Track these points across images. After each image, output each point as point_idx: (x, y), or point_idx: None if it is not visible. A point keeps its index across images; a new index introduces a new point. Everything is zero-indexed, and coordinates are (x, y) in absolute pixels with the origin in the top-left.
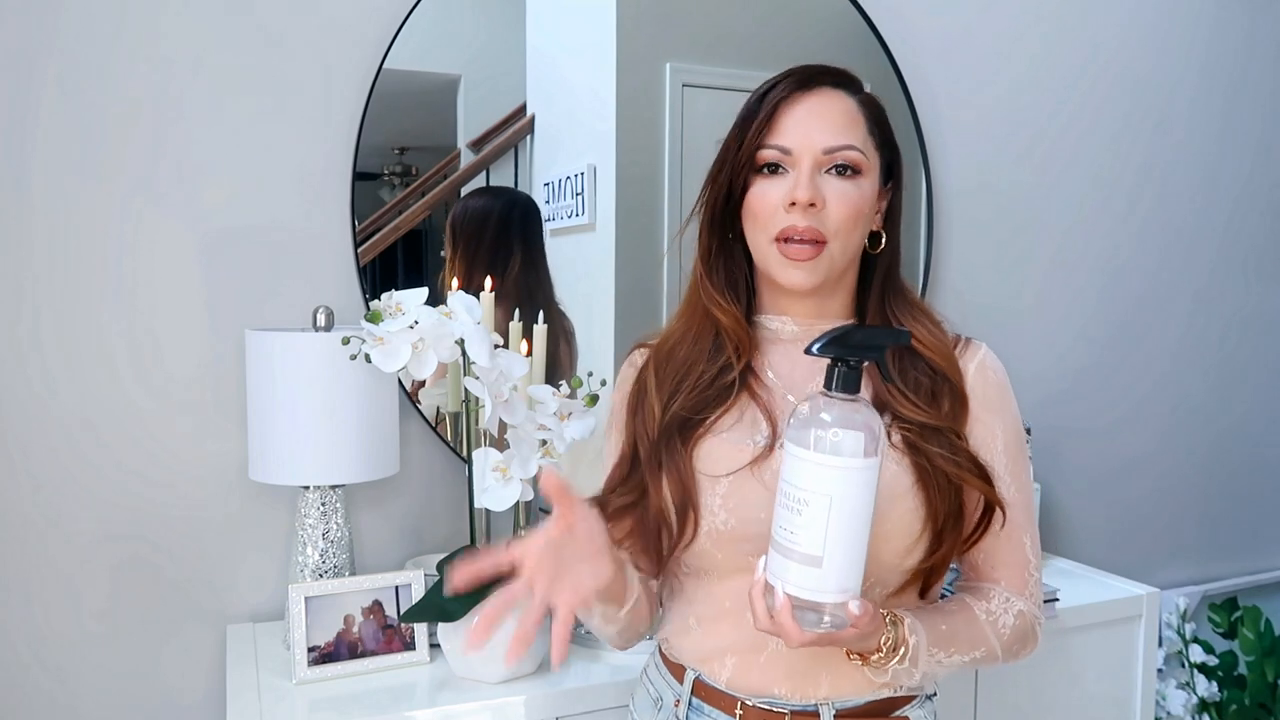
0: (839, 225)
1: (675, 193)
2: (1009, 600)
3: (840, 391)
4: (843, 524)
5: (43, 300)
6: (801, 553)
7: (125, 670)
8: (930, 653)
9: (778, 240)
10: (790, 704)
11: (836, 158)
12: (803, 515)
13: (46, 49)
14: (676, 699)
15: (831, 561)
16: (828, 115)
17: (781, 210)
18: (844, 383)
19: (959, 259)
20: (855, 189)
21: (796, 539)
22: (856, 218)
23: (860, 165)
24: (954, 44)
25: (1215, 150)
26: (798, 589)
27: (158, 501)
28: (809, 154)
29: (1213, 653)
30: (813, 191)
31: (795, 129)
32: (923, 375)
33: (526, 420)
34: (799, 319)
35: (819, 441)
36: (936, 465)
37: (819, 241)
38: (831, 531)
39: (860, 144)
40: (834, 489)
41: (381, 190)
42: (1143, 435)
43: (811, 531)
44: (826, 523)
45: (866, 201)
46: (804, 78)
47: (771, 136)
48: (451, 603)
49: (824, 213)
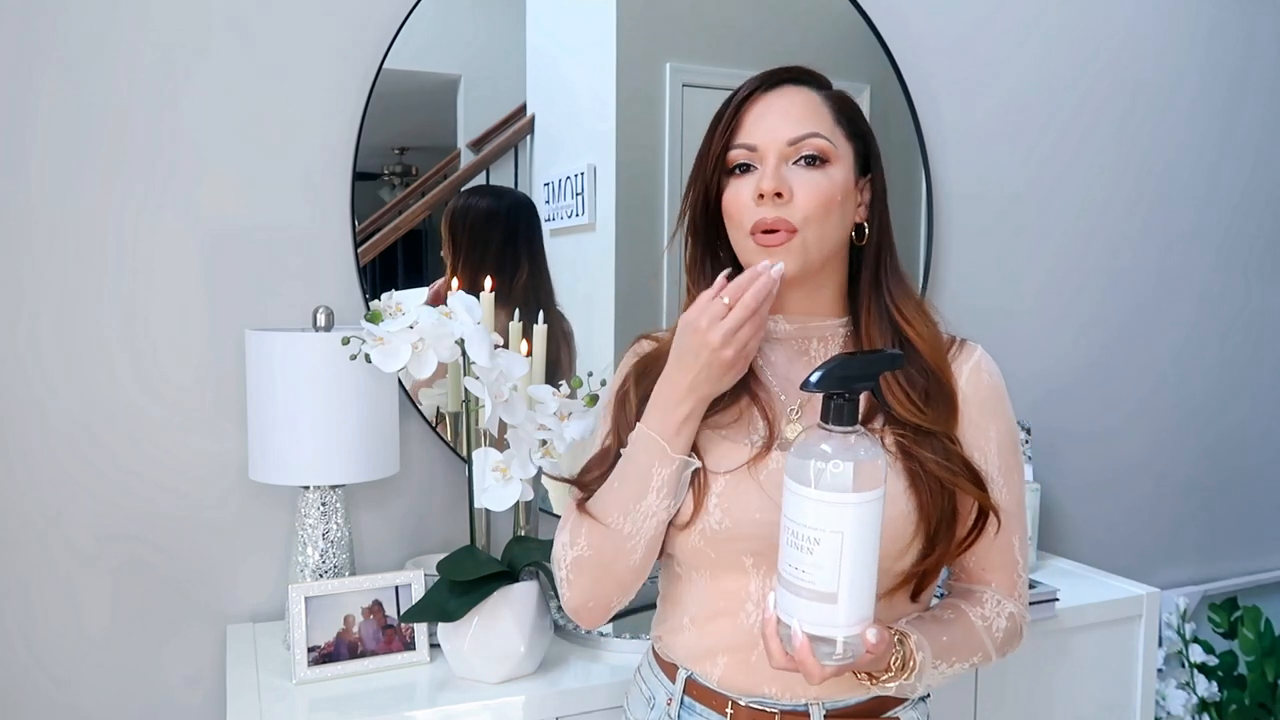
0: (809, 213)
1: (675, 193)
2: (1000, 603)
3: (838, 424)
4: (855, 558)
5: (42, 301)
6: (816, 591)
7: (125, 670)
8: (935, 665)
9: (752, 234)
10: (781, 704)
11: (802, 147)
12: (814, 554)
13: (46, 49)
14: (669, 698)
15: (846, 596)
16: (789, 109)
17: (752, 205)
18: (842, 415)
19: (959, 260)
20: (824, 177)
21: (809, 577)
22: (828, 205)
23: (826, 152)
24: (955, 45)
25: (1215, 152)
26: (814, 626)
27: (158, 502)
28: (774, 148)
29: (1213, 653)
30: (777, 181)
31: (759, 125)
32: (918, 374)
33: (526, 420)
34: (791, 316)
35: (820, 477)
36: (929, 470)
37: (790, 230)
38: (845, 568)
39: (826, 132)
40: (845, 525)
41: (381, 190)
42: (1143, 435)
43: (825, 570)
44: (839, 560)
45: (838, 189)
46: (767, 78)
47: (737, 136)
48: (452, 602)
49: (792, 203)
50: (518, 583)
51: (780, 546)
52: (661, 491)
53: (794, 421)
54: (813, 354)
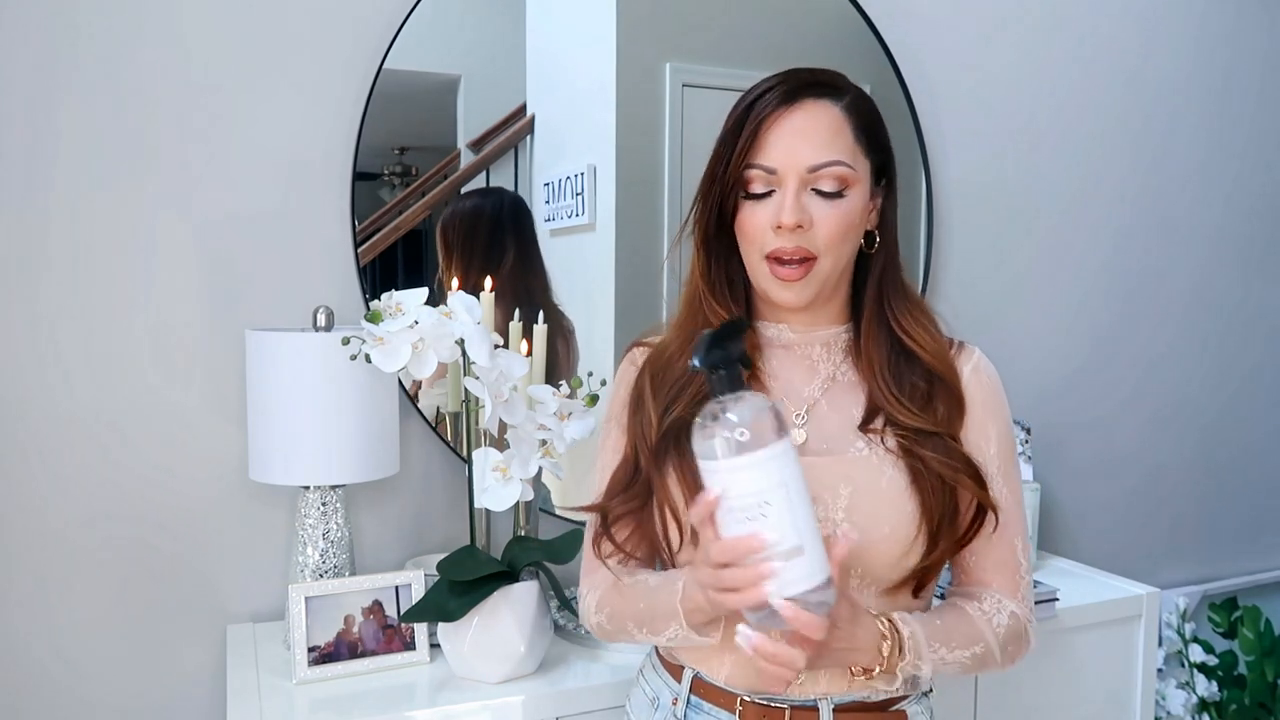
0: (828, 242)
1: (675, 193)
2: (1000, 601)
3: (730, 391)
4: (802, 503)
5: (43, 302)
6: (783, 550)
7: (125, 670)
8: (931, 647)
9: (768, 259)
10: (790, 700)
11: (822, 175)
12: (769, 517)
13: (58, 58)
14: (674, 698)
15: (811, 541)
16: (812, 132)
17: (770, 231)
18: (727, 384)
19: (959, 257)
20: (844, 204)
21: (773, 541)
22: (846, 232)
23: (847, 179)
24: (954, 43)
25: (1208, 145)
26: (795, 587)
27: (158, 502)
28: (794, 173)
29: (1213, 652)
30: (798, 214)
31: (779, 148)
32: (919, 380)
33: (526, 420)
34: (796, 326)
35: (742, 445)
36: (931, 468)
37: (808, 259)
38: (799, 514)
39: (847, 157)
40: (783, 475)
41: (381, 190)
42: (1143, 435)
43: (784, 526)
44: (792, 510)
45: (856, 213)
46: (787, 91)
47: (756, 156)
48: (452, 602)
49: (812, 232)
50: (518, 583)
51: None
52: (675, 639)
53: (798, 427)
54: (815, 359)
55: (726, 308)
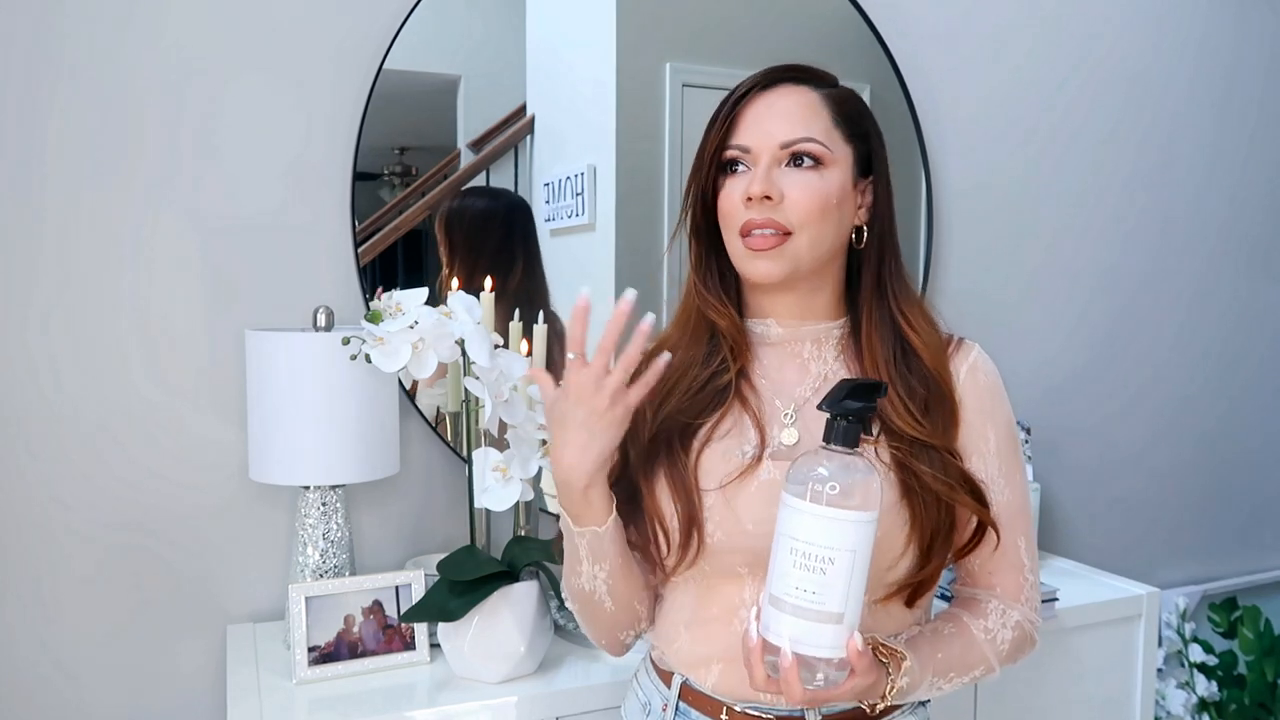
0: (803, 216)
1: (675, 193)
2: (1005, 613)
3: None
4: (860, 578)
5: (44, 302)
6: (824, 611)
7: (125, 670)
8: (931, 682)
9: (741, 235)
10: (776, 709)
11: (794, 150)
12: (827, 574)
13: (52, 55)
14: (664, 704)
15: (850, 615)
16: (785, 110)
17: (742, 206)
18: (849, 437)
19: (959, 256)
20: (818, 179)
21: (820, 598)
22: (823, 208)
23: (820, 155)
24: (954, 43)
25: (1210, 146)
26: (813, 648)
27: (158, 502)
28: (767, 149)
29: (1212, 652)
30: (766, 185)
31: (753, 126)
32: (918, 383)
33: (526, 420)
34: (783, 320)
35: (833, 498)
36: (925, 484)
37: (783, 232)
38: (854, 586)
39: (821, 136)
40: (858, 543)
41: (381, 190)
42: (1143, 435)
43: (836, 590)
44: (850, 578)
45: (833, 192)
46: (766, 77)
47: (732, 136)
48: (452, 602)
49: (784, 205)
50: (518, 583)
51: (778, 568)
52: (589, 559)
53: (789, 426)
54: (806, 357)
55: (718, 301)
